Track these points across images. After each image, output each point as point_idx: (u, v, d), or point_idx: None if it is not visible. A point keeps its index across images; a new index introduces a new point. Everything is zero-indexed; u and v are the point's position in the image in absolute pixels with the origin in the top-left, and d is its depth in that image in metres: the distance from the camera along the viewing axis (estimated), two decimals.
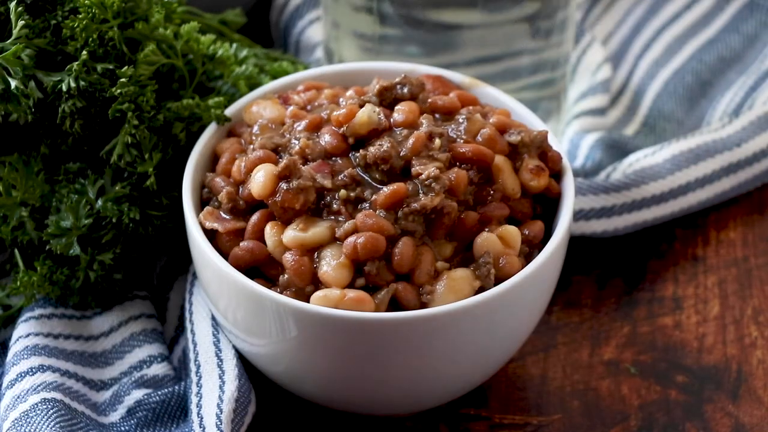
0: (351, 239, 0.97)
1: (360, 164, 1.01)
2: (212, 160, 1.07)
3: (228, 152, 1.05)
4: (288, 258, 0.98)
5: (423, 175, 0.99)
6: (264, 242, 0.99)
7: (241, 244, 1.00)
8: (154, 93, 1.06)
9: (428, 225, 0.98)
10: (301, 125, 1.04)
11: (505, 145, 1.02)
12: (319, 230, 0.98)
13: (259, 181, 0.99)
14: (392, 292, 0.97)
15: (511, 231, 0.99)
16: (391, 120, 1.03)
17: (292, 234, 0.98)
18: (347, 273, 0.97)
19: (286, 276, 0.98)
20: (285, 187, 0.99)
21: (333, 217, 0.99)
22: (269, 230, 0.99)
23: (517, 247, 0.99)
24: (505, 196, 1.01)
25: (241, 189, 1.02)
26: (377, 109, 1.02)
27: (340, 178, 1.00)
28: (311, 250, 0.98)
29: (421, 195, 0.98)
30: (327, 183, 0.99)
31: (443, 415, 1.08)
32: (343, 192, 0.99)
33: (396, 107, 1.04)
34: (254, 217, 1.00)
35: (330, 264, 0.97)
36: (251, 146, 1.04)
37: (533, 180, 1.02)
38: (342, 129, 1.02)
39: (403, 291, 0.97)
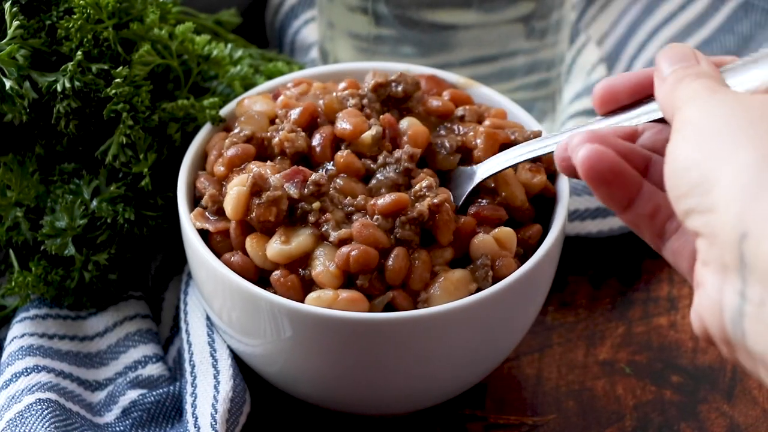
0: (344, 250, 0.96)
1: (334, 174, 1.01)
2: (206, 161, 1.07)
3: (215, 149, 1.05)
4: (276, 277, 0.97)
5: (416, 187, 0.99)
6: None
7: (232, 259, 0.99)
8: (149, 93, 1.06)
9: (429, 230, 0.98)
10: (295, 113, 1.03)
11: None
12: (302, 239, 0.97)
13: (231, 203, 0.99)
14: (388, 299, 0.97)
15: (507, 232, 0.99)
16: (399, 140, 1.03)
17: (276, 248, 0.97)
18: (339, 282, 0.97)
19: None
20: (257, 202, 0.98)
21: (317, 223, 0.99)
22: (250, 245, 0.98)
23: (513, 248, 0.99)
24: (513, 206, 1.01)
25: (224, 186, 1.02)
26: (381, 131, 1.02)
27: (308, 187, 0.98)
28: (300, 259, 0.98)
29: (417, 206, 0.98)
30: (294, 193, 0.98)
31: (438, 415, 1.08)
32: (317, 204, 0.98)
33: (403, 128, 1.03)
34: (232, 230, 1.00)
35: (323, 264, 0.97)
36: (227, 141, 1.04)
37: (534, 177, 1.02)
38: (344, 143, 1.02)
39: (398, 298, 0.97)
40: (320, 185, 0.98)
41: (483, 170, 1.01)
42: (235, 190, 0.99)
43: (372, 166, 1.01)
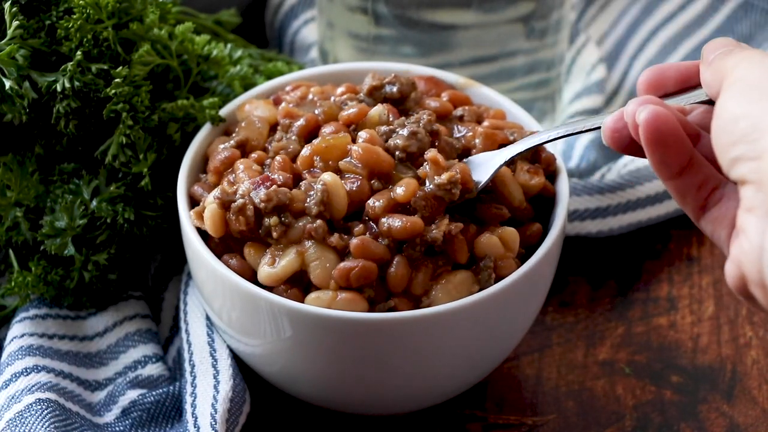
0: (343, 265, 0.96)
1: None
2: (207, 161, 1.06)
3: (215, 153, 1.05)
4: (279, 291, 0.97)
5: (442, 178, 0.97)
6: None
7: (231, 261, 0.99)
8: (149, 93, 1.06)
9: (443, 249, 0.98)
10: (297, 124, 1.03)
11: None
12: (287, 261, 0.97)
13: (208, 224, 0.99)
14: (389, 306, 0.96)
15: (510, 232, 0.99)
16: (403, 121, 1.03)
17: (265, 271, 0.97)
18: (337, 286, 0.96)
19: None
20: (229, 216, 0.98)
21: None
22: (249, 255, 0.98)
23: (516, 248, 0.99)
24: (511, 206, 1.01)
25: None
26: (386, 111, 1.02)
27: (262, 203, 0.96)
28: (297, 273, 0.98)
29: (433, 228, 0.97)
30: (258, 202, 0.97)
31: (438, 415, 1.08)
32: (274, 219, 0.97)
33: (409, 122, 1.03)
34: (222, 242, 1.00)
35: (321, 271, 0.96)
36: (222, 146, 1.04)
37: (533, 179, 1.02)
38: (351, 127, 1.02)
39: (399, 305, 0.96)
40: (268, 200, 0.97)
41: (502, 156, 1.00)
42: (208, 210, 0.99)
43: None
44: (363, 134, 1.00)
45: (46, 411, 1.01)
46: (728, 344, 1.13)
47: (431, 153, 0.99)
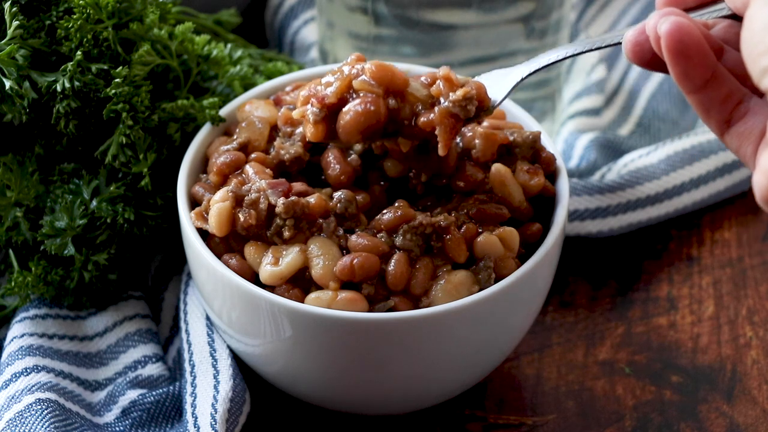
0: (346, 260, 0.96)
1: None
2: (207, 161, 1.07)
3: (216, 154, 1.05)
4: (280, 291, 0.97)
5: (457, 94, 0.97)
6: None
7: (230, 261, 0.99)
8: (149, 93, 1.06)
9: (436, 242, 0.98)
10: (299, 132, 1.04)
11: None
12: (290, 259, 0.97)
13: (213, 221, 0.99)
14: (389, 306, 0.96)
15: (510, 232, 0.99)
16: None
17: (267, 270, 0.97)
18: (339, 283, 0.96)
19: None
20: (239, 212, 0.98)
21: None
22: (249, 255, 0.98)
23: (516, 248, 0.99)
24: (511, 206, 1.01)
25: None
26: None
27: (287, 200, 0.97)
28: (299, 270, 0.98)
29: (419, 218, 0.97)
30: (273, 201, 0.97)
31: (438, 415, 1.08)
32: (290, 221, 0.97)
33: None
34: (223, 242, 1.00)
35: (323, 266, 0.96)
36: (224, 147, 1.04)
37: (533, 179, 1.02)
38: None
39: (400, 305, 0.96)
40: (287, 212, 0.97)
41: (518, 73, 0.99)
42: (216, 207, 0.98)
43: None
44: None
45: (46, 411, 1.01)
46: (728, 344, 1.13)
47: (443, 70, 0.98)
